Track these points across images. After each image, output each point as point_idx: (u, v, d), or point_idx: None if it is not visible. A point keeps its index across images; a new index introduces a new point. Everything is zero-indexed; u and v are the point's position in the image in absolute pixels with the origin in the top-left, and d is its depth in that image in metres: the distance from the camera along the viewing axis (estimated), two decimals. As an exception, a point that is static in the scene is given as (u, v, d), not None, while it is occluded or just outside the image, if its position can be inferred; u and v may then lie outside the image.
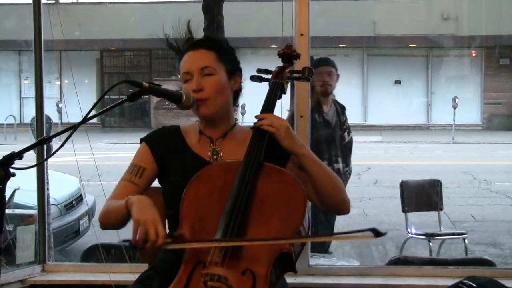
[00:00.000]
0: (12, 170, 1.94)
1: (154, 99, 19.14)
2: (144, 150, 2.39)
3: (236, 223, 2.08)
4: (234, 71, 2.40)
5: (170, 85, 2.41)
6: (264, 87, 2.42)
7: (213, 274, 2.02)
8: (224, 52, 2.38)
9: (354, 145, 5.03)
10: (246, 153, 2.21)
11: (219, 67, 2.34)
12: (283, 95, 2.43)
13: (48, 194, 4.07)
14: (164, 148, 2.38)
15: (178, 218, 2.19)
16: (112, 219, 2.27)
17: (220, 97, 2.34)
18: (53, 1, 16.57)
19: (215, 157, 2.36)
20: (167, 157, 2.37)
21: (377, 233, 1.94)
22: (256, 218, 2.13)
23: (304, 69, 2.45)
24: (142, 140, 2.43)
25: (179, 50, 2.41)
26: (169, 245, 2.06)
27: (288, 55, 2.48)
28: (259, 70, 2.48)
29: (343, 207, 2.33)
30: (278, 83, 2.39)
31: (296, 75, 2.46)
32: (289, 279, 2.41)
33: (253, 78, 2.48)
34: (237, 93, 2.43)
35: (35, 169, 3.64)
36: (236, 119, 2.44)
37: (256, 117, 2.28)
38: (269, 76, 2.45)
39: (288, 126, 2.25)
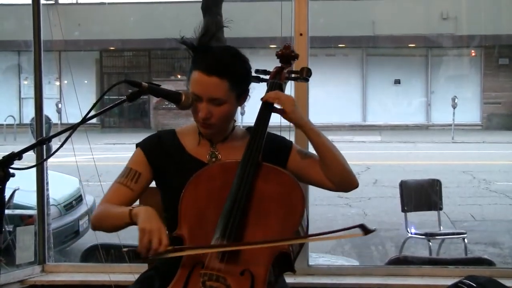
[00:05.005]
0: (11, 171, 1.93)
1: (154, 99, 19.12)
2: (140, 155, 2.36)
3: (234, 224, 2.08)
4: (245, 91, 2.34)
5: (169, 85, 2.41)
6: (264, 88, 2.40)
7: (211, 274, 2.03)
8: (237, 78, 2.26)
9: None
10: (245, 153, 2.21)
11: (230, 96, 2.25)
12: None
13: (48, 195, 4.06)
14: (161, 154, 2.35)
15: (176, 219, 2.19)
16: (109, 225, 2.27)
17: (226, 123, 2.33)
18: (52, 2, 16.52)
19: (213, 159, 2.34)
20: (165, 162, 2.34)
21: (365, 230, 1.94)
22: (255, 218, 2.13)
23: (302, 69, 2.43)
24: (137, 145, 2.39)
25: (192, 46, 2.28)
26: (171, 253, 2.06)
27: (287, 55, 2.44)
28: (257, 71, 2.44)
29: (352, 178, 2.33)
30: (276, 83, 2.37)
31: (294, 75, 2.45)
32: (289, 279, 2.41)
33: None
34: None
35: (34, 169, 3.65)
36: (235, 120, 2.40)
37: (261, 99, 2.30)
38: (267, 77, 2.43)
39: (294, 100, 2.28)
